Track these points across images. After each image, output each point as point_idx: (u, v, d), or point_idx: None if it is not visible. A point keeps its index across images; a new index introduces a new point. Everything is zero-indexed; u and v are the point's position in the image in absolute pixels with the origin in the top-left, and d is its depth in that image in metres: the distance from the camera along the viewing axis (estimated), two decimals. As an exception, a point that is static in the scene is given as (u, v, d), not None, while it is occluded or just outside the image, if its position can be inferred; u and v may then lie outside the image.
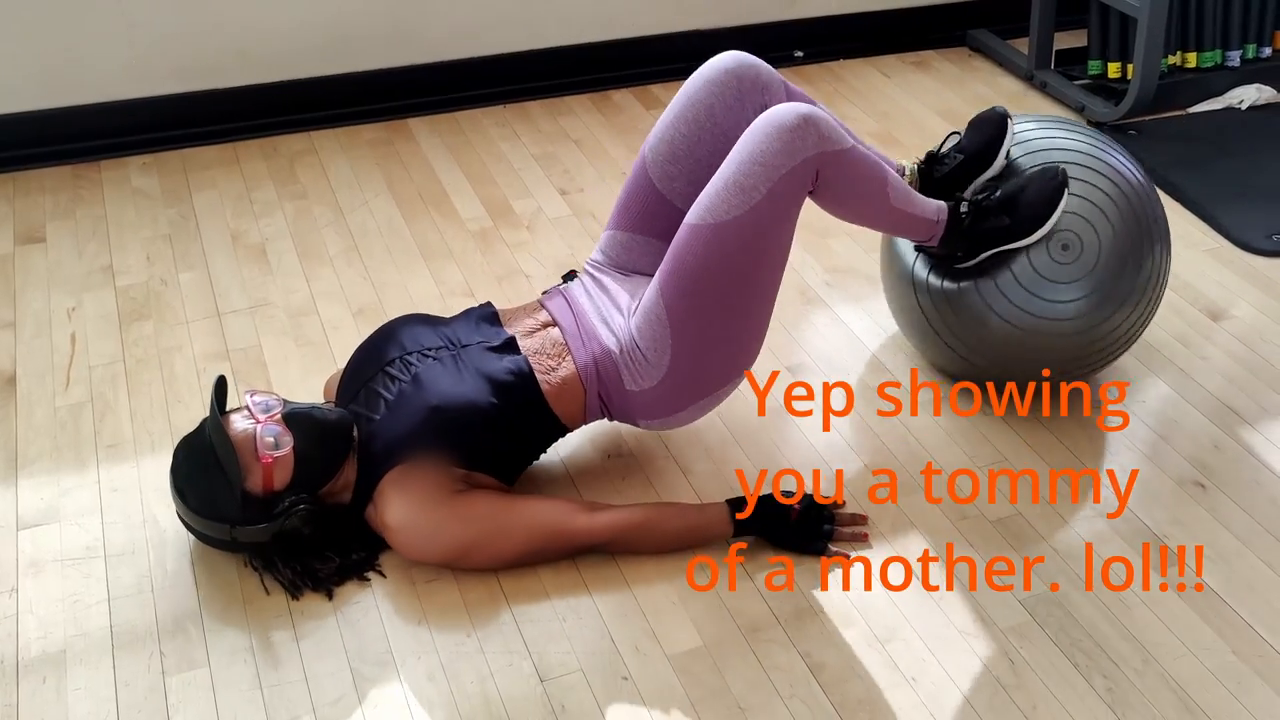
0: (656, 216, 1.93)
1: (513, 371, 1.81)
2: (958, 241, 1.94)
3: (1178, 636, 1.71)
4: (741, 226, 1.72)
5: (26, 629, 1.71)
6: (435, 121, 3.04)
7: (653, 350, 1.80)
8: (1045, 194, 1.91)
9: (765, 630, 1.71)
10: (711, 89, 1.89)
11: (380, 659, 1.67)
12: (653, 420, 1.88)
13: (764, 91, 1.91)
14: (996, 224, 1.92)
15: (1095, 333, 1.99)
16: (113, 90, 2.87)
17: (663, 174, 1.91)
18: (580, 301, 1.91)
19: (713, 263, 1.74)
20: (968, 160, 2.00)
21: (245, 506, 1.72)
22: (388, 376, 1.83)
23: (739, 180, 1.71)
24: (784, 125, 1.71)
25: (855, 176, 1.79)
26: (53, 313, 2.35)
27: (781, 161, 1.71)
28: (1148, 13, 2.90)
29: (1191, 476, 1.99)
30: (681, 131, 1.90)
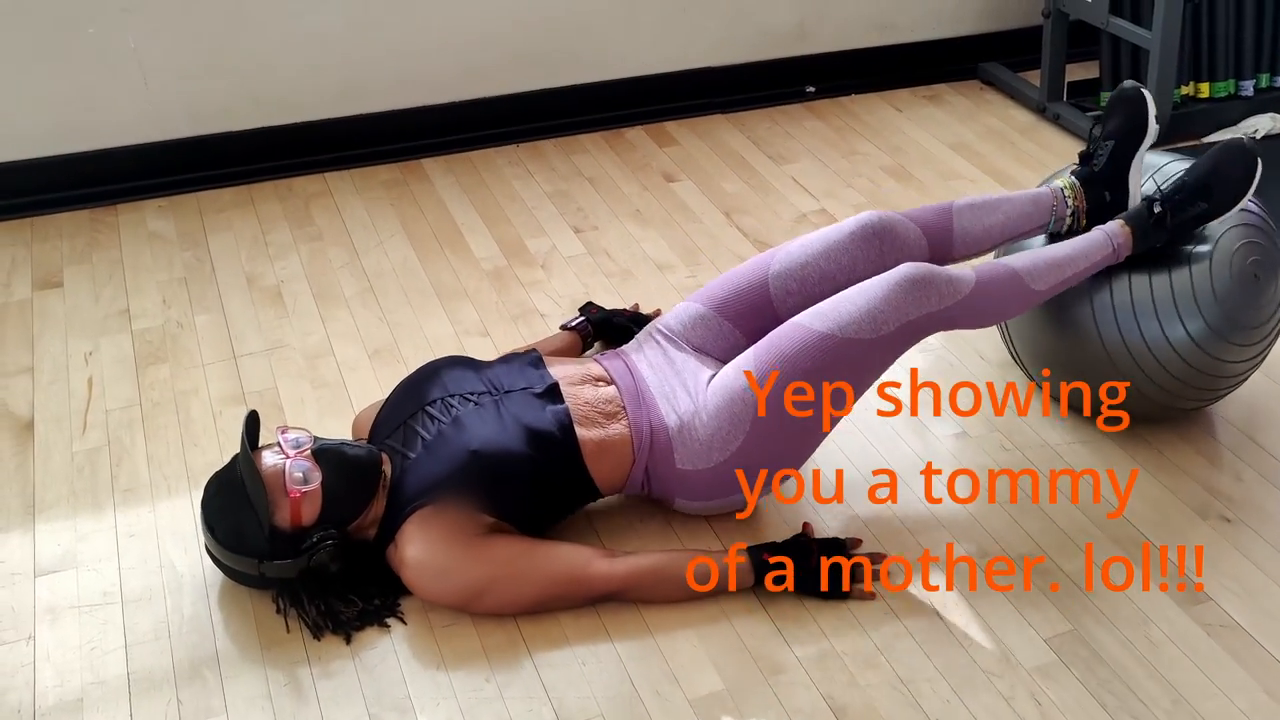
0: (755, 316, 1.99)
1: (553, 423, 1.81)
2: (1152, 240, 1.97)
3: (1208, 676, 1.69)
4: (864, 348, 1.81)
5: (44, 677, 1.70)
6: (449, 161, 3.06)
7: (722, 433, 1.81)
8: (1240, 168, 1.96)
9: (787, 672, 1.69)
10: (855, 243, 1.98)
11: (399, 705, 1.65)
12: (691, 502, 1.88)
13: (903, 249, 1.99)
14: (1194, 212, 1.96)
15: (1212, 367, 1.98)
16: (128, 135, 2.89)
17: (782, 290, 1.98)
18: (640, 369, 1.92)
19: (826, 368, 1.80)
20: (1119, 143, 2.04)
21: (274, 542, 1.72)
22: (428, 416, 1.83)
23: (873, 313, 1.81)
24: (904, 285, 1.82)
25: (988, 305, 1.89)
26: (70, 357, 2.35)
27: (910, 311, 1.82)
28: (1159, 43, 2.90)
29: (1215, 510, 1.97)
30: (819, 266, 1.98)
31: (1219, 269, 1.95)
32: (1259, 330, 2.00)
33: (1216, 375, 2.00)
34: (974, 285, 1.86)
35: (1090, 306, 1.99)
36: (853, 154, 3.09)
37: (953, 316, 1.85)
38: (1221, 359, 1.98)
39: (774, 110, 3.31)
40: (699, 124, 3.24)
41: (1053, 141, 3.15)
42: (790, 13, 3.33)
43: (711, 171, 3.02)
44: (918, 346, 2.18)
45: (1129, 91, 2.08)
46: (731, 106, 3.31)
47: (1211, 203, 1.97)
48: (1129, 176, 2.05)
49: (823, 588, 1.78)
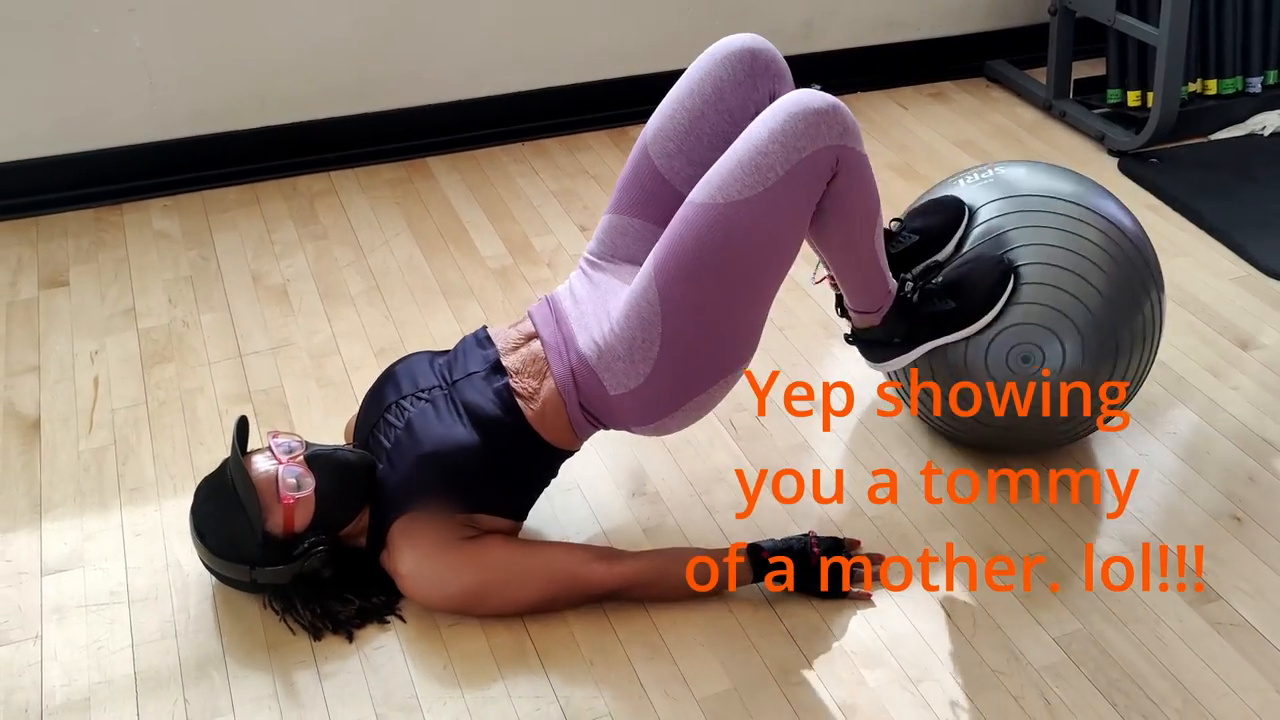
0: (655, 199, 1.81)
1: (497, 402, 1.77)
2: (898, 325, 1.86)
3: (1219, 675, 1.68)
4: (753, 208, 1.61)
5: (51, 676, 1.70)
6: (454, 160, 3.05)
7: (638, 343, 1.68)
8: (991, 279, 1.84)
9: (795, 672, 1.69)
10: (724, 64, 1.79)
11: (406, 704, 1.65)
12: (646, 425, 1.77)
13: (776, 79, 1.81)
14: (941, 307, 1.84)
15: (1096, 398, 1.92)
16: (133, 134, 2.89)
17: (662, 151, 1.80)
18: (563, 305, 1.82)
19: (716, 244, 1.62)
20: (923, 241, 1.92)
21: (266, 548, 1.71)
22: (386, 423, 1.81)
23: (755, 159, 1.60)
24: (810, 107, 1.60)
25: (864, 185, 1.68)
26: (76, 356, 2.35)
27: (804, 144, 1.59)
28: (1167, 40, 2.89)
29: (1227, 510, 1.96)
30: (686, 106, 1.80)
31: (975, 367, 1.88)
32: (1116, 356, 1.90)
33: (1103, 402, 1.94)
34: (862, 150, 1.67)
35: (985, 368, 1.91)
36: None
37: (844, 163, 1.63)
38: (1096, 387, 1.92)
39: (780, 108, 3.30)
40: (704, 122, 3.23)
41: (1059, 139, 3.14)
42: (798, 10, 3.32)
43: (717, 169, 3.01)
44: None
45: (955, 204, 1.93)
46: (737, 104, 3.30)
47: (959, 304, 1.83)
48: (906, 278, 1.90)
49: (822, 588, 1.77)
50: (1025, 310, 1.86)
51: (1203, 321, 2.41)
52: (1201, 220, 2.73)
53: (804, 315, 2.45)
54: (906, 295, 1.85)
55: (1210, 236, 2.69)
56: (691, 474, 2.04)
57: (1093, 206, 1.92)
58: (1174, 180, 2.87)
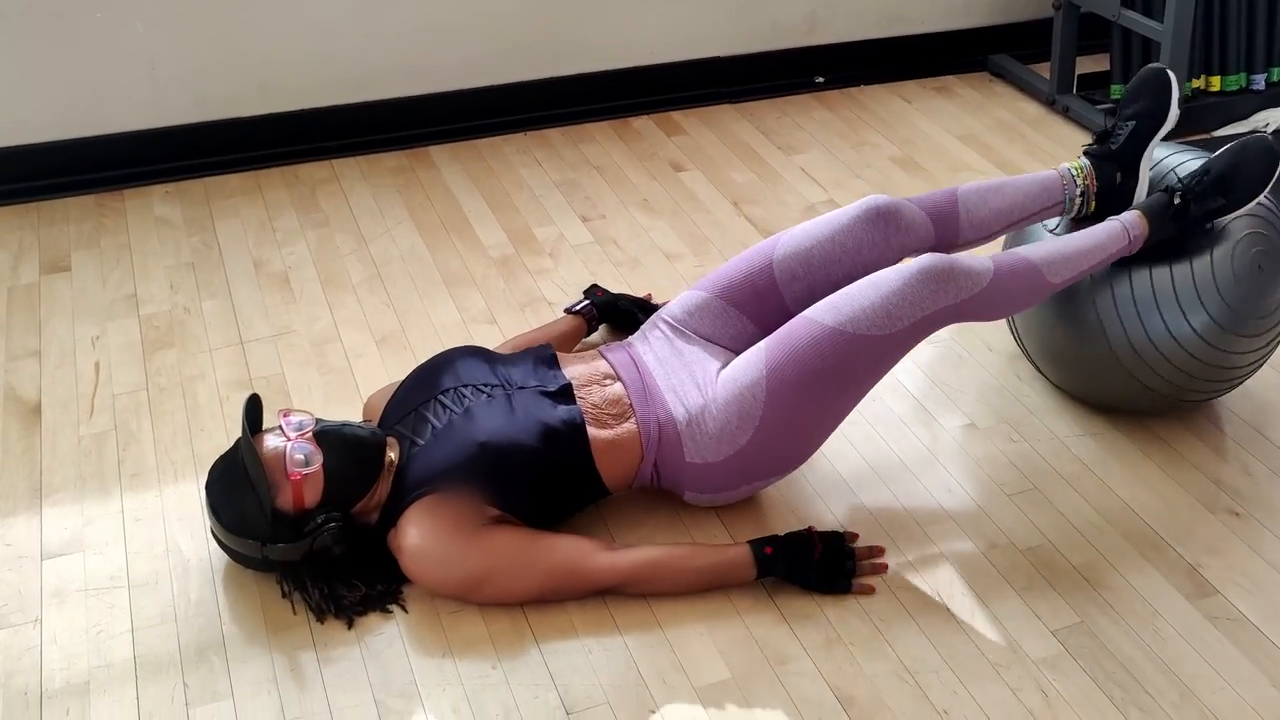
0: (760, 300, 1.98)
1: (565, 421, 1.80)
2: (1168, 232, 1.96)
3: (1215, 669, 1.68)
4: (876, 345, 1.80)
5: (50, 660, 1.70)
6: (456, 149, 3.05)
7: (731, 427, 1.80)
8: (1261, 165, 1.95)
9: (793, 662, 1.69)
10: (861, 225, 1.97)
11: (405, 691, 1.65)
12: (700, 494, 1.88)
13: (908, 233, 1.98)
14: (1211, 205, 1.95)
15: (1218, 359, 1.97)
16: (135, 120, 2.88)
17: (787, 273, 1.97)
18: (646, 362, 1.91)
19: (834, 367, 1.79)
20: (1140, 124, 2.02)
21: (276, 524, 1.71)
22: (439, 404, 1.83)
23: (887, 307, 1.80)
24: (923, 279, 1.80)
25: (1005, 297, 1.87)
26: (77, 341, 2.35)
27: (926, 305, 1.80)
28: (1170, 36, 2.89)
29: (1225, 505, 1.97)
30: (825, 249, 1.97)
31: (1221, 261, 1.94)
32: (1265, 321, 1.99)
33: (1223, 368, 1.99)
34: (992, 277, 1.84)
35: (1093, 304, 1.98)
36: (862, 145, 3.08)
37: (967, 309, 1.84)
38: (1227, 351, 1.97)
39: (783, 101, 3.30)
40: (707, 114, 3.23)
41: (1062, 134, 3.14)
42: (801, 3, 3.32)
43: (720, 161, 3.01)
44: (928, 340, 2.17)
45: (1156, 74, 2.06)
46: (740, 96, 3.30)
47: (1229, 198, 1.95)
48: (1142, 160, 2.03)
49: (822, 582, 1.78)
50: (1254, 230, 1.96)
51: (1203, 317, 2.41)
52: (1203, 216, 2.73)
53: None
54: (1177, 205, 1.95)
55: (1212, 233, 2.69)
56: (692, 465, 2.04)
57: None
58: (1176, 176, 2.87)
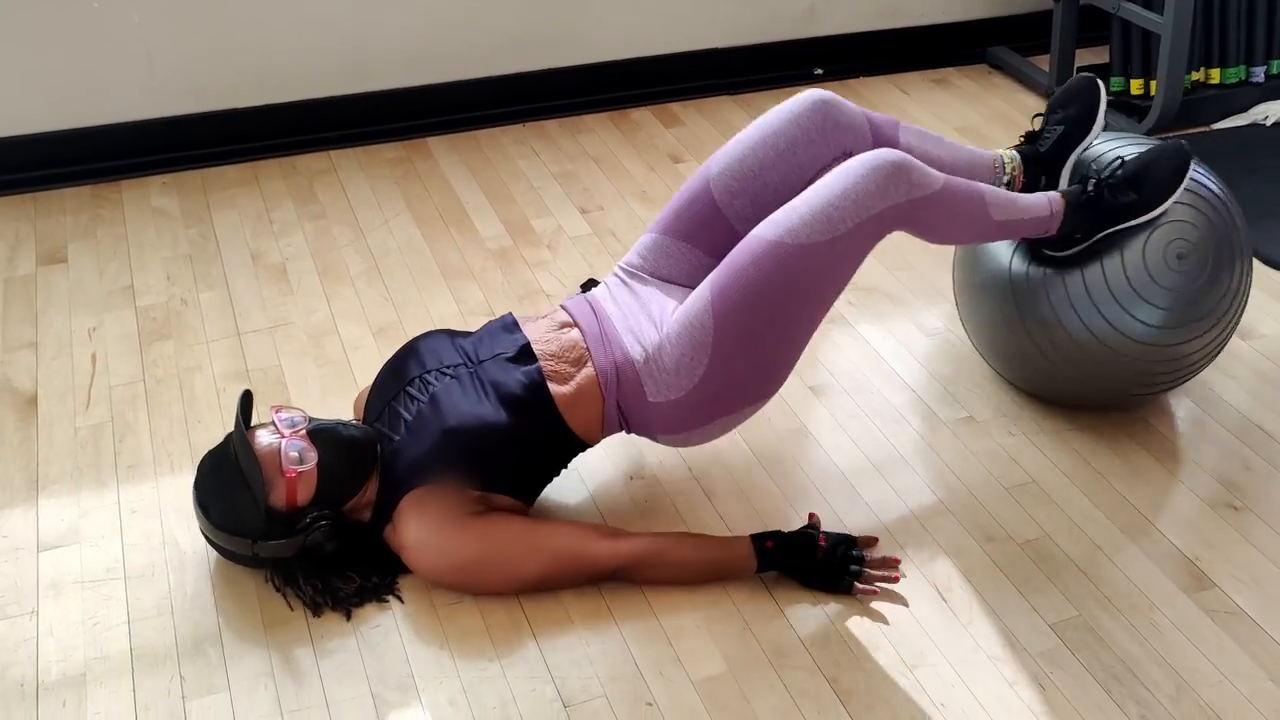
0: (707, 230, 1.91)
1: (526, 384, 1.78)
2: (1078, 222, 1.92)
3: (1213, 663, 1.68)
4: (819, 252, 1.73)
5: (47, 651, 1.70)
6: (454, 140, 3.04)
7: (686, 359, 1.76)
8: (1171, 166, 1.93)
9: (791, 655, 1.69)
10: (795, 121, 1.90)
11: (401, 683, 1.65)
12: (673, 435, 1.84)
13: (847, 132, 1.92)
14: (1123, 200, 1.92)
15: (1171, 352, 1.96)
16: (132, 111, 2.87)
17: (725, 190, 1.90)
18: (605, 306, 1.88)
19: (778, 280, 1.73)
20: (1068, 130, 2.00)
21: (268, 521, 1.71)
22: (408, 396, 1.82)
23: (827, 211, 1.72)
24: (878, 169, 1.74)
25: (947, 212, 1.81)
26: (74, 333, 2.34)
27: (874, 203, 1.73)
28: (1170, 28, 2.88)
29: (1223, 498, 1.96)
30: (758, 155, 1.89)
31: (1133, 260, 1.92)
32: (1203, 322, 1.95)
33: (1168, 361, 1.97)
34: (944, 183, 1.78)
35: (1047, 299, 1.97)
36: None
37: (917, 215, 1.77)
38: (1166, 345, 1.95)
39: (781, 92, 3.28)
40: (705, 105, 3.23)
41: (1061, 126, 3.13)
42: (799, -6, 3.31)
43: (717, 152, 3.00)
44: (925, 332, 2.17)
45: (1087, 83, 2.03)
46: (738, 88, 3.29)
47: (1140, 194, 1.91)
48: (1064, 167, 2.01)
49: (822, 580, 1.77)
50: (1179, 219, 1.94)
51: (1202, 311, 2.41)
52: (1202, 209, 2.73)
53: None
54: (1090, 193, 1.92)
55: (1211, 226, 2.69)
56: (689, 458, 2.04)
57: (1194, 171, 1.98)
58: (1175, 169, 2.87)
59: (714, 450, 2.05)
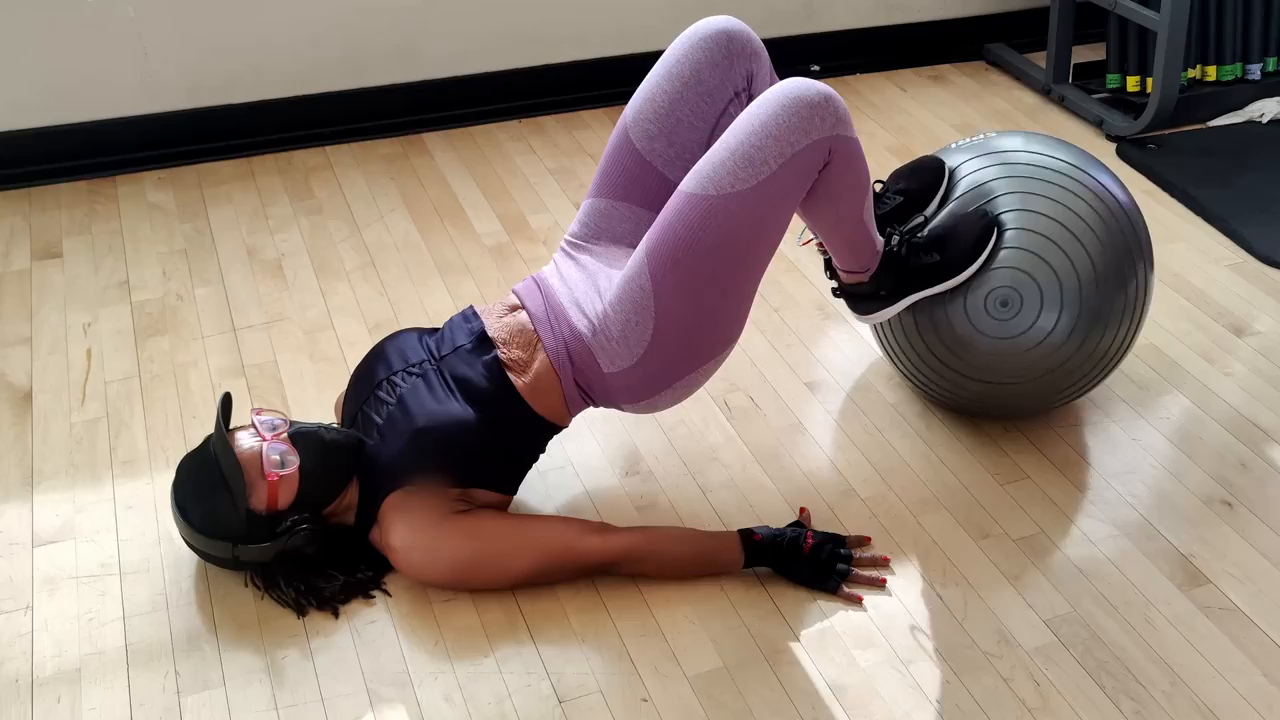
0: (637, 181, 1.83)
1: (487, 375, 1.77)
2: (886, 279, 1.88)
3: (1207, 659, 1.68)
4: (746, 200, 1.63)
5: (41, 647, 1.70)
6: (450, 136, 3.04)
7: (632, 325, 1.71)
8: (974, 233, 1.87)
9: (787, 652, 1.69)
10: (701, 46, 1.80)
11: (397, 679, 1.65)
12: (637, 403, 1.80)
13: (753, 59, 1.82)
14: (927, 260, 1.87)
15: (1077, 356, 1.93)
16: (128, 106, 2.87)
17: (643, 133, 1.82)
18: (550, 283, 1.83)
19: (709, 235, 1.65)
20: (907, 202, 1.95)
21: (249, 525, 1.70)
22: (377, 399, 1.81)
23: (748, 153, 1.62)
24: (804, 100, 1.63)
25: (855, 169, 1.72)
26: (69, 328, 2.34)
27: (798, 139, 1.62)
28: (1167, 26, 2.88)
29: (1218, 495, 1.97)
30: (664, 89, 1.81)
31: (961, 324, 1.90)
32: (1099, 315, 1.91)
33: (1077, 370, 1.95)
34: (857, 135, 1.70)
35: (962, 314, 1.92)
36: (857, 133, 3.06)
37: (837, 151, 1.66)
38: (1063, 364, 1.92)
39: (778, 89, 3.29)
40: (702, 102, 3.22)
41: (1058, 123, 3.13)
42: (796, -10, 3.31)
43: (715, 149, 3.00)
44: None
45: (935, 165, 1.96)
46: (735, 84, 3.29)
47: (944, 257, 1.86)
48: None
49: (810, 577, 1.77)
50: (1006, 267, 1.89)
51: (1197, 307, 2.41)
52: (1198, 206, 2.73)
53: (800, 297, 2.45)
54: (893, 250, 1.87)
55: (1206, 223, 2.69)
56: (685, 453, 2.04)
57: (1083, 177, 1.93)
58: (1171, 166, 2.87)
59: (709, 446, 2.05)
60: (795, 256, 2.57)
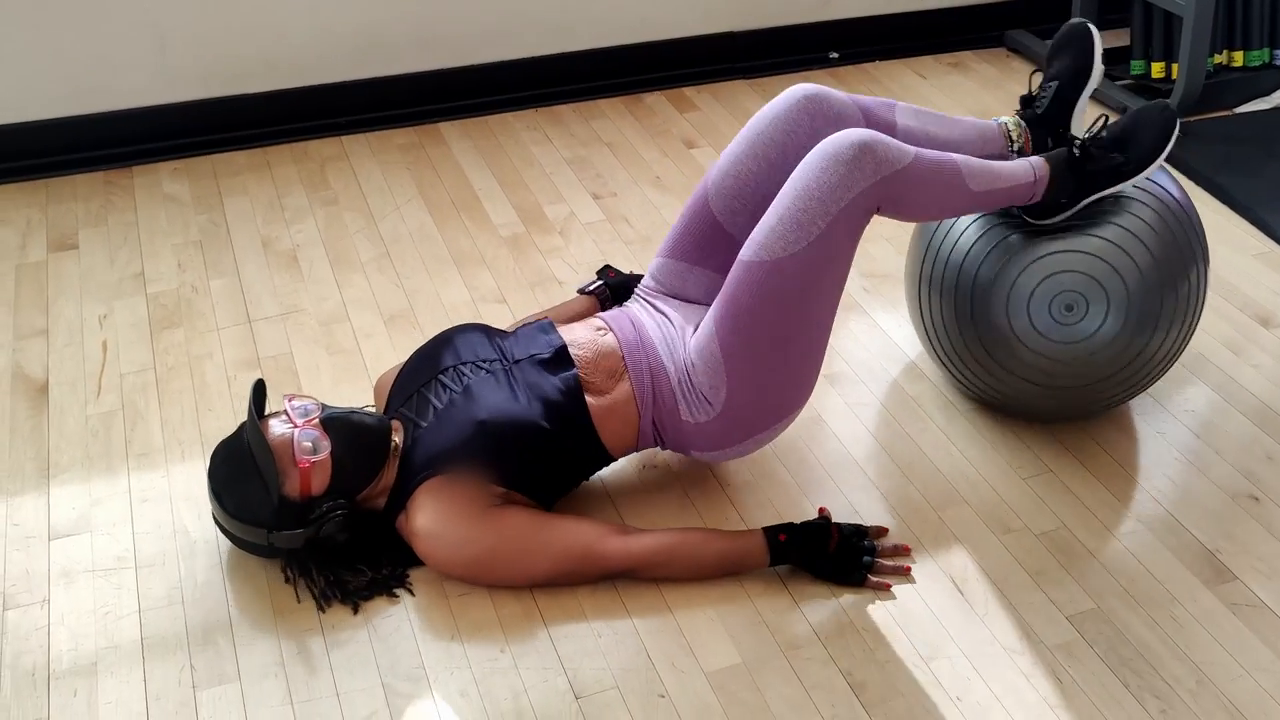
0: (714, 249, 1.89)
1: (562, 390, 1.77)
2: (1065, 187, 1.83)
3: (1233, 656, 1.66)
4: (798, 263, 1.68)
5: (58, 640, 1.70)
6: (466, 125, 3.02)
7: (708, 386, 1.76)
8: (1157, 127, 1.86)
9: (805, 647, 1.67)
10: (783, 124, 1.84)
11: (413, 674, 1.64)
12: (709, 452, 1.84)
13: (838, 122, 1.85)
14: (1110, 162, 1.84)
15: (1130, 356, 1.90)
16: (143, 96, 2.86)
17: (726, 208, 1.87)
18: (642, 319, 1.87)
19: (768, 300, 1.70)
20: (1063, 85, 1.93)
21: (282, 511, 1.70)
22: (440, 385, 1.81)
23: (795, 216, 1.67)
24: (839, 157, 1.67)
25: (925, 186, 1.73)
26: (85, 320, 2.34)
27: (840, 195, 1.66)
28: (1193, 10, 2.84)
29: (1244, 489, 1.94)
30: (750, 168, 1.85)
31: (1019, 317, 1.87)
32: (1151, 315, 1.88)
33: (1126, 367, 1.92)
34: (915, 156, 1.70)
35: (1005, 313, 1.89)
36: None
37: (890, 193, 1.68)
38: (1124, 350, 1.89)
39: (796, 76, 3.25)
40: (720, 89, 3.20)
41: (1081, 110, 3.09)
42: (814, -23, 3.27)
43: (732, 137, 2.97)
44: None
45: (1077, 29, 1.95)
46: (753, 72, 3.26)
47: (1127, 155, 1.84)
48: (1072, 120, 1.94)
49: (836, 573, 1.75)
50: (1067, 269, 1.86)
51: (1223, 298, 2.38)
52: (1224, 195, 2.69)
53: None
54: (1078, 154, 1.84)
55: (1233, 211, 2.65)
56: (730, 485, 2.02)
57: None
58: (1197, 154, 2.83)
59: (727, 439, 2.03)
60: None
